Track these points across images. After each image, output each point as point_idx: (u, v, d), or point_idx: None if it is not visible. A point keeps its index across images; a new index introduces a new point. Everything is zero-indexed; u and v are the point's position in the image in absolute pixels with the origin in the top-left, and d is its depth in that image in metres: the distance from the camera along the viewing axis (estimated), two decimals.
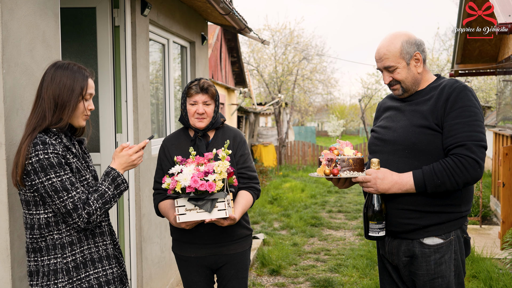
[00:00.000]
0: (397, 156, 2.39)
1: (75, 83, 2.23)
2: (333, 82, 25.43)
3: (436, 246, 2.34)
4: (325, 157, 2.40)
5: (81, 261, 2.20)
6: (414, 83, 2.44)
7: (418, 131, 2.34)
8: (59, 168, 2.11)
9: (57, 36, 2.85)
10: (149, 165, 4.44)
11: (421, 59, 2.42)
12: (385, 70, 2.46)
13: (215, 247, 2.80)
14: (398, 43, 2.40)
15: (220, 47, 15.52)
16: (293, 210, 9.49)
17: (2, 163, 2.37)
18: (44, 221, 2.16)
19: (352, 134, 54.78)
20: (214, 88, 2.82)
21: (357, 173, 2.37)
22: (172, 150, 2.85)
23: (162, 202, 2.83)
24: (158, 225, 4.68)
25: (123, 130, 4.06)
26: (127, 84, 4.04)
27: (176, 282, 5.18)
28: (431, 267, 2.33)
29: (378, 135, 2.53)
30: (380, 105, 2.68)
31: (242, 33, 6.72)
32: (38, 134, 2.14)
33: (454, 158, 2.24)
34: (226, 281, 2.85)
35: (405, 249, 2.41)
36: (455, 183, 2.24)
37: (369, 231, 2.40)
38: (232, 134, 2.90)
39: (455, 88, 2.32)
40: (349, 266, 5.76)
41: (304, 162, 18.24)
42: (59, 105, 2.19)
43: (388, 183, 2.32)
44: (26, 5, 2.55)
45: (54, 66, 2.26)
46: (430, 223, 2.34)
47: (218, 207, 2.51)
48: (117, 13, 3.98)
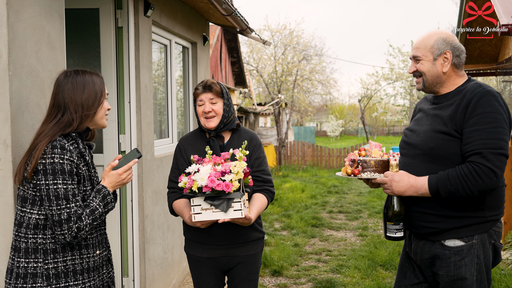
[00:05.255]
0: (418, 160, 2.42)
1: (96, 86, 2.27)
2: (332, 82, 25.46)
3: (457, 248, 2.34)
4: (348, 157, 2.51)
5: (63, 271, 2.16)
6: (436, 80, 2.44)
7: (437, 136, 2.35)
8: (68, 177, 2.12)
9: (62, 37, 2.85)
10: (151, 166, 4.44)
11: (450, 59, 2.41)
12: (413, 59, 2.50)
13: (228, 248, 2.80)
14: (433, 38, 2.43)
15: (220, 47, 15.53)
16: (293, 210, 9.49)
17: (8, 165, 2.37)
18: (34, 221, 2.15)
19: (351, 134, 54.80)
20: (219, 85, 2.81)
21: (378, 174, 2.43)
22: (188, 149, 2.85)
23: (177, 200, 2.83)
24: (160, 226, 4.68)
25: (126, 131, 4.06)
26: (130, 85, 4.03)
27: (178, 283, 5.18)
28: (451, 269, 2.35)
29: (405, 137, 2.58)
30: (416, 105, 2.71)
31: (243, 33, 6.72)
32: (58, 138, 2.15)
33: (469, 165, 2.23)
34: (237, 283, 2.86)
35: (427, 250, 2.43)
36: (468, 191, 2.22)
37: (387, 231, 2.47)
38: (248, 137, 2.90)
39: (476, 93, 2.30)
40: (351, 266, 5.77)
41: (304, 163, 18.25)
42: (85, 110, 2.22)
43: (403, 185, 2.35)
44: (31, 6, 2.55)
45: (69, 75, 2.26)
46: (450, 227, 2.35)
47: (234, 207, 2.52)
48: (120, 14, 3.98)
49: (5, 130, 2.35)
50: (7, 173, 2.37)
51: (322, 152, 18.05)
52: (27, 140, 2.49)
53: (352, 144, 32.79)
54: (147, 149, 4.34)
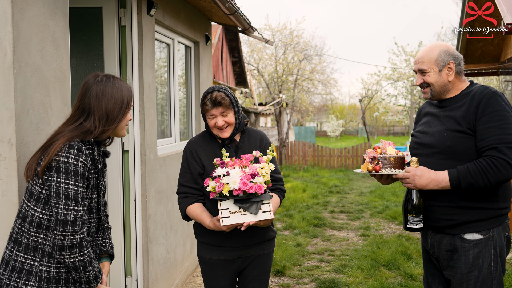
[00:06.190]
0: (434, 158, 2.62)
1: (123, 96, 2.23)
2: (333, 82, 25.43)
3: (476, 241, 2.55)
4: (368, 155, 2.64)
5: (54, 276, 2.13)
6: (443, 89, 2.66)
7: (452, 135, 2.56)
8: (81, 179, 2.09)
9: (66, 36, 2.84)
10: (154, 166, 4.42)
11: (453, 69, 2.64)
12: (418, 72, 2.70)
13: (244, 249, 2.80)
14: (436, 51, 2.64)
15: (222, 47, 15.51)
16: (295, 210, 9.48)
17: (13, 164, 2.35)
18: (37, 220, 2.12)
19: (351, 134, 54.78)
20: (229, 98, 2.73)
21: (398, 170, 2.59)
22: (200, 152, 2.82)
23: (192, 205, 2.78)
24: (163, 226, 4.67)
25: (130, 130, 4.04)
26: (133, 84, 4.02)
27: (181, 283, 5.16)
28: (470, 260, 2.55)
29: (417, 139, 2.77)
30: (420, 110, 2.92)
31: (246, 33, 6.71)
32: (76, 140, 2.13)
33: (487, 159, 2.46)
34: (248, 281, 2.86)
35: (446, 243, 2.62)
36: (487, 182, 2.45)
37: (408, 223, 2.65)
38: (258, 137, 2.91)
39: (484, 94, 2.53)
40: (354, 266, 5.75)
41: (305, 163, 18.22)
42: (109, 120, 2.19)
43: (425, 179, 2.54)
44: (36, 4, 2.53)
45: (101, 80, 2.22)
46: (470, 219, 2.54)
47: (263, 208, 2.55)
48: (123, 13, 3.97)
49: (10, 128, 2.33)
50: (11, 172, 2.35)
51: (323, 152, 18.03)
52: (31, 139, 2.47)
53: (353, 144, 32.75)
54: (150, 149, 4.32)
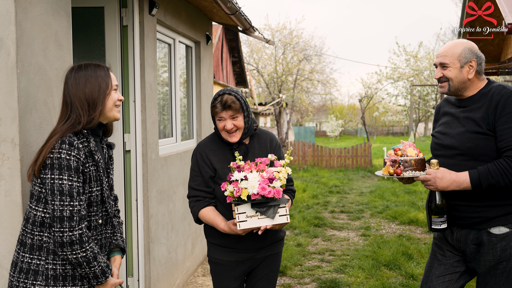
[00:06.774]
0: (457, 159, 2.67)
1: (99, 79, 2.23)
2: (332, 82, 25.44)
3: (503, 235, 2.60)
4: (389, 158, 2.65)
5: (61, 273, 2.14)
6: (461, 85, 2.67)
7: (472, 136, 2.61)
8: (74, 173, 2.10)
9: (68, 35, 2.84)
10: (156, 166, 4.42)
11: (474, 67, 2.65)
12: (439, 66, 2.71)
13: (256, 250, 2.81)
14: (460, 47, 2.66)
15: (222, 47, 15.51)
16: (295, 210, 9.47)
17: (16, 164, 2.34)
18: (40, 219, 2.13)
19: (350, 134, 54.76)
20: (239, 101, 2.70)
21: (419, 172, 2.61)
22: (211, 155, 2.80)
23: (204, 209, 2.76)
24: (165, 226, 4.66)
25: (131, 130, 4.04)
26: (135, 84, 4.02)
27: (182, 283, 5.16)
28: (497, 253, 2.61)
29: (438, 140, 2.81)
30: (439, 109, 2.94)
31: (246, 33, 6.70)
32: (69, 134, 2.13)
33: (507, 159, 2.51)
34: (257, 280, 2.87)
35: (473, 238, 2.67)
36: (508, 182, 2.51)
37: (432, 224, 2.68)
38: (268, 138, 2.89)
39: (502, 94, 2.56)
40: (355, 266, 5.75)
41: (305, 163, 18.21)
42: (91, 105, 2.19)
43: (446, 181, 2.58)
44: (39, 4, 2.53)
45: (73, 70, 2.24)
46: (496, 214, 2.60)
47: (280, 212, 2.55)
48: (125, 13, 3.97)
49: (13, 128, 2.33)
50: (15, 172, 2.34)
51: (322, 152, 18.02)
52: (34, 139, 2.46)
53: (352, 144, 32.73)
54: (152, 148, 4.31)
